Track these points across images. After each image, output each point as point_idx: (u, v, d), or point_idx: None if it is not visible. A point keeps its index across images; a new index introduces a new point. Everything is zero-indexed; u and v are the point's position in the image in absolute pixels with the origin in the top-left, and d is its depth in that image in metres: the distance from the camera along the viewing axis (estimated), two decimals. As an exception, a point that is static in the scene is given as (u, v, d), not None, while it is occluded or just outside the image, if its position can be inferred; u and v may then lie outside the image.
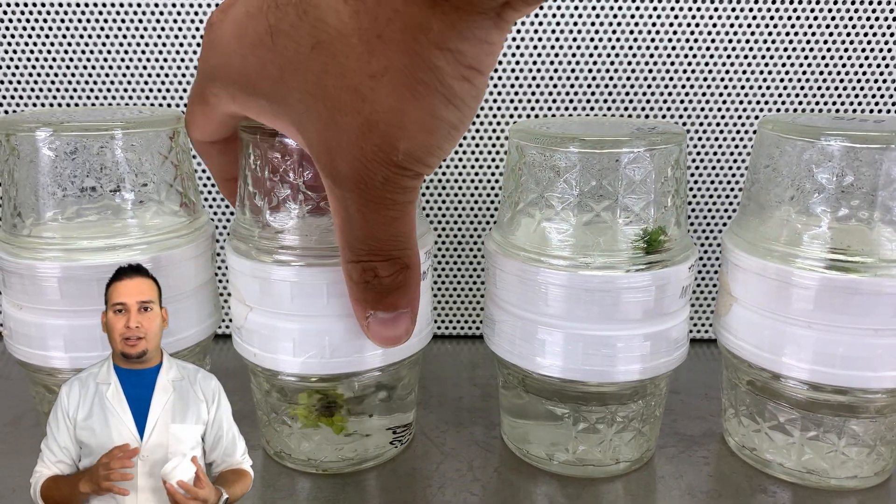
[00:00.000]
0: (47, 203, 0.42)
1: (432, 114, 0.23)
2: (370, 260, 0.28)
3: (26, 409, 0.53)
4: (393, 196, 0.25)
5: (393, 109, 0.23)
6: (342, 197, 0.26)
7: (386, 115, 0.23)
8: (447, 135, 0.24)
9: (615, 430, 0.45)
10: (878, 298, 0.40)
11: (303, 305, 0.40)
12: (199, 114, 0.32)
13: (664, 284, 0.42)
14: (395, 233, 0.27)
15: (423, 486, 0.45)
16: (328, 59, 0.23)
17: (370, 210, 0.26)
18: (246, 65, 0.25)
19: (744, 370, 0.46)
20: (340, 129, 0.23)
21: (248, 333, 0.43)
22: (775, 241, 0.43)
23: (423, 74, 0.22)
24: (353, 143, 0.24)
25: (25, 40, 0.60)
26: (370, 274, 0.28)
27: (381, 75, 0.23)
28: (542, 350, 0.43)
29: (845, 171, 0.41)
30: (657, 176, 0.42)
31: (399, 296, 0.30)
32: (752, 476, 0.46)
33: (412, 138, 0.23)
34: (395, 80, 0.23)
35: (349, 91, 0.23)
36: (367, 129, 0.23)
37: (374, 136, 0.23)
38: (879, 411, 0.43)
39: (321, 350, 0.40)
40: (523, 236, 0.44)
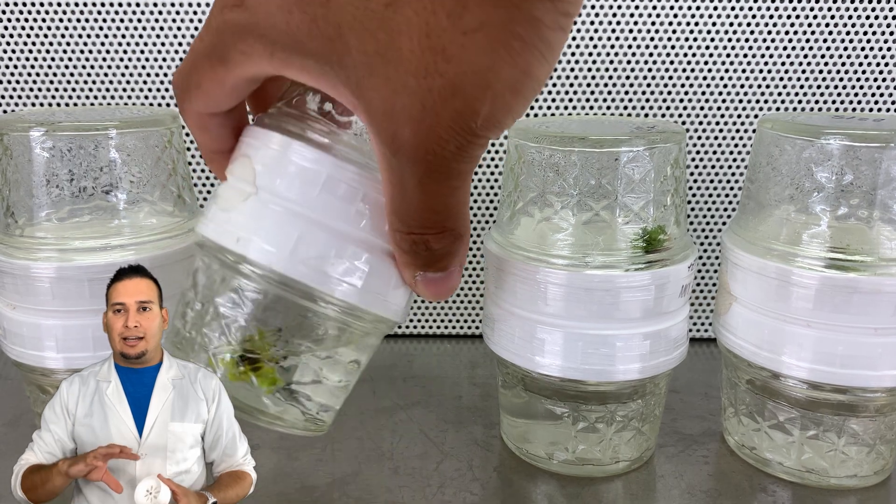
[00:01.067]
0: (41, 203, 0.42)
1: (526, 72, 0.21)
2: (423, 233, 0.26)
3: (25, 410, 0.53)
4: (459, 166, 0.23)
5: (484, 70, 0.21)
6: (399, 168, 0.23)
7: (474, 76, 0.21)
8: (532, 93, 0.22)
9: (615, 429, 0.45)
10: (878, 297, 0.40)
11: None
12: (210, 78, 0.28)
13: (664, 283, 0.42)
14: (452, 203, 0.25)
15: (422, 486, 0.45)
16: (409, 17, 0.21)
17: (432, 181, 0.24)
18: (291, 21, 0.23)
19: (743, 369, 0.46)
20: (413, 93, 0.21)
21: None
22: (775, 240, 0.43)
23: (522, 28, 0.20)
24: (427, 109, 0.22)
25: (25, 40, 0.60)
26: (421, 246, 0.27)
27: (474, 31, 0.20)
28: (541, 349, 0.43)
29: (845, 169, 0.41)
30: (656, 175, 0.42)
31: (449, 260, 0.28)
32: (751, 475, 0.46)
33: (496, 101, 0.22)
34: (490, 36, 0.20)
35: (432, 51, 0.21)
36: (450, 94, 0.21)
37: (455, 101, 0.21)
38: (879, 410, 0.43)
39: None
40: (523, 235, 0.44)
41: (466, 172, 0.24)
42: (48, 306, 0.42)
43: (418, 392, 0.57)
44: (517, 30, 0.21)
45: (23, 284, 0.41)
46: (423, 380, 0.59)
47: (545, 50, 0.21)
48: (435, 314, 0.67)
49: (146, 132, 0.44)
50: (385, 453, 0.48)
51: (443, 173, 0.23)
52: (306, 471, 0.46)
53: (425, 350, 0.49)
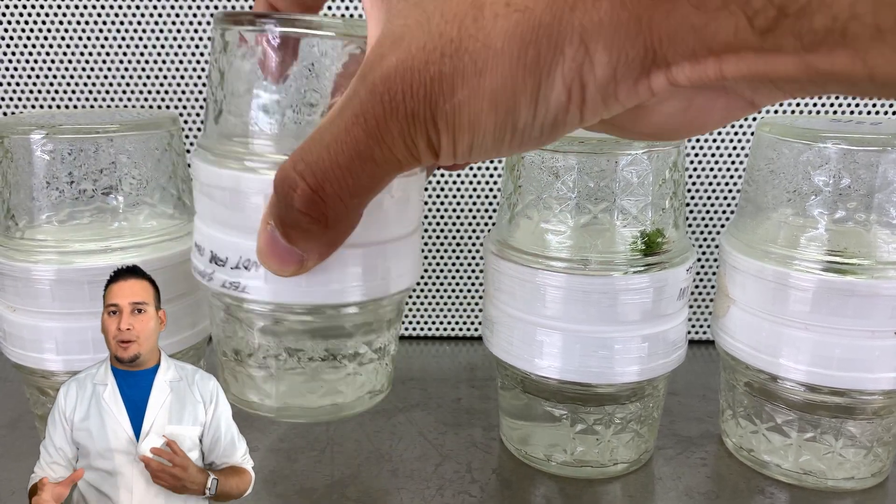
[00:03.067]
0: (41, 205, 0.42)
1: (510, 93, 0.19)
2: (300, 177, 0.22)
3: (24, 412, 0.53)
4: (393, 142, 0.20)
5: (486, 47, 0.18)
6: (351, 93, 0.20)
7: (474, 44, 0.18)
8: (500, 133, 0.20)
9: (613, 431, 0.45)
10: (875, 300, 0.40)
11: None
12: None
13: (662, 286, 0.42)
14: (355, 174, 0.21)
15: (421, 488, 0.45)
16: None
17: (363, 132, 0.20)
18: None
19: (741, 372, 0.46)
20: (430, 40, 0.19)
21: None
22: (773, 243, 0.43)
23: (546, 51, 0.18)
24: (431, 63, 0.19)
25: (25, 43, 0.60)
26: (287, 192, 0.23)
27: (515, 11, 0.18)
28: (540, 351, 0.43)
29: (842, 173, 0.41)
30: (655, 178, 0.42)
31: (299, 237, 0.25)
32: (749, 477, 0.46)
33: (474, 99, 0.19)
34: (520, 31, 0.18)
35: (475, 8, 0.18)
36: (453, 50, 0.19)
37: (451, 64, 0.19)
38: (876, 413, 0.43)
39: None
40: (522, 238, 0.44)
41: (394, 161, 0.21)
42: (48, 308, 0.42)
43: (417, 394, 0.57)
44: (542, 49, 0.18)
45: (23, 287, 0.42)
46: (422, 381, 0.59)
47: (539, 95, 0.19)
48: (434, 316, 0.67)
49: (146, 135, 0.44)
50: (384, 455, 0.48)
51: (379, 131, 0.20)
52: (305, 473, 0.46)
53: (424, 352, 0.49)
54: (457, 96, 0.19)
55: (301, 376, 0.37)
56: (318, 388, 0.37)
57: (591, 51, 0.18)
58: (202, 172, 0.32)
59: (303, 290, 0.32)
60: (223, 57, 0.31)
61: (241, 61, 0.30)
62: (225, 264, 0.32)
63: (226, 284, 0.32)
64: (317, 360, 0.36)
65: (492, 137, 0.20)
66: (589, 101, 0.19)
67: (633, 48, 0.17)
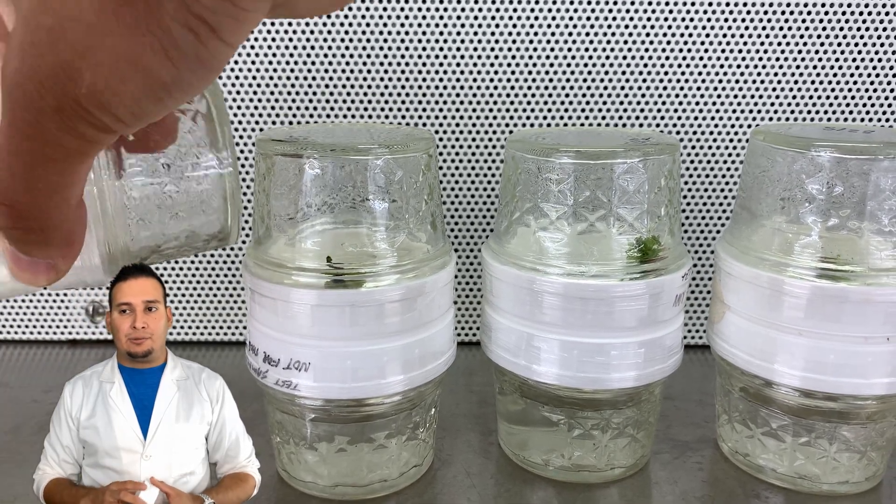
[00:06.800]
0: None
1: (133, 58, 0.18)
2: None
3: (27, 417, 0.53)
4: (60, 135, 0.19)
5: (88, 26, 0.17)
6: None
7: (79, 31, 0.17)
8: (152, 93, 0.19)
9: (610, 436, 0.45)
10: (868, 307, 0.41)
11: None
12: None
13: (658, 293, 0.43)
14: (37, 177, 0.20)
15: (419, 493, 0.45)
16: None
17: (20, 135, 0.19)
18: None
19: (737, 377, 0.47)
20: (28, 24, 0.18)
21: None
22: (767, 250, 0.44)
23: (140, 3, 0.17)
24: (36, 47, 0.18)
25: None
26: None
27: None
28: (537, 357, 0.44)
29: (835, 181, 0.41)
30: (651, 186, 0.42)
31: (30, 248, 0.23)
32: (745, 481, 0.47)
33: (98, 71, 0.18)
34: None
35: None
36: (57, 38, 0.18)
37: (59, 50, 0.18)
38: (870, 417, 0.44)
39: None
40: (519, 245, 0.45)
41: (72, 152, 0.20)
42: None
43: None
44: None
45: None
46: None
47: (168, 45, 0.18)
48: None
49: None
50: (384, 460, 0.49)
51: (37, 131, 0.19)
52: (306, 477, 0.46)
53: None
54: (86, 77, 0.18)
55: (350, 458, 0.40)
56: (366, 467, 0.40)
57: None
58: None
59: (348, 386, 0.38)
60: None
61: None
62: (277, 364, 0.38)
63: (279, 382, 0.38)
64: (363, 443, 0.39)
65: (146, 95, 0.19)
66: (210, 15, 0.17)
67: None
